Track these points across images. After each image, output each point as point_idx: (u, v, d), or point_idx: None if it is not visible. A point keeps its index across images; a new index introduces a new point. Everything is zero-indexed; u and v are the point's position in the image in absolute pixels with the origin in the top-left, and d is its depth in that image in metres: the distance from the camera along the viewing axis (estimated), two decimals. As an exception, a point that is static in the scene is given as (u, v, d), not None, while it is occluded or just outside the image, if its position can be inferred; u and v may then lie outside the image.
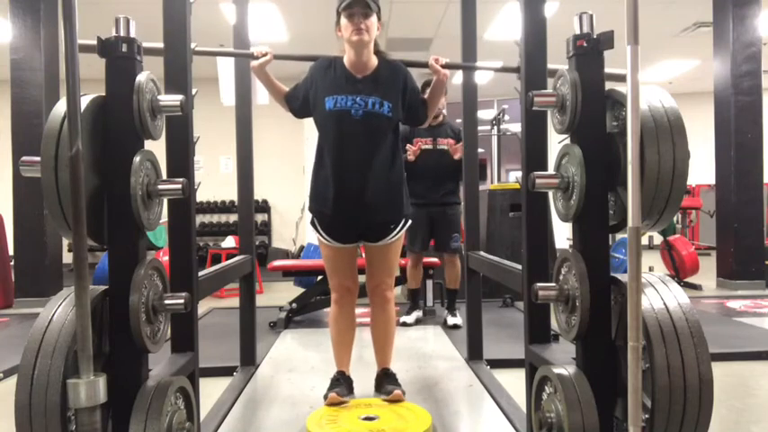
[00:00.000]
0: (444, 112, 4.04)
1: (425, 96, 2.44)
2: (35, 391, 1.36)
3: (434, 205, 4.00)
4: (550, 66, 2.00)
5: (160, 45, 1.93)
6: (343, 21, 2.21)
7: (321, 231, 2.38)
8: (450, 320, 4.07)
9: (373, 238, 2.37)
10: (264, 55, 2.29)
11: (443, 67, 2.32)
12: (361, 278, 2.54)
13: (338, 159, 2.27)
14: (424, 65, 2.36)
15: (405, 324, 4.06)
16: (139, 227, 1.58)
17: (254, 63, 2.32)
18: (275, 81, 2.41)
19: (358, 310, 2.57)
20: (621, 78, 1.50)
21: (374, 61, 2.31)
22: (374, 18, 2.22)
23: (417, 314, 4.24)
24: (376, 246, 2.39)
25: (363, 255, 2.51)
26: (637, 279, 1.22)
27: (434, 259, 4.40)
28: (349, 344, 2.53)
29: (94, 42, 1.56)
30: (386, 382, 2.45)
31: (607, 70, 1.65)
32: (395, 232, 2.37)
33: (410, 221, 2.43)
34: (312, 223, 2.42)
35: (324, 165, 2.32)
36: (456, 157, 3.87)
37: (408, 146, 3.98)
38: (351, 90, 2.25)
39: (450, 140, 3.99)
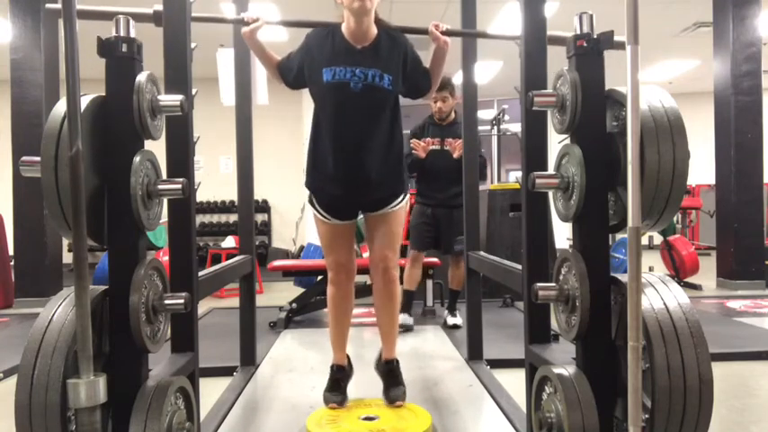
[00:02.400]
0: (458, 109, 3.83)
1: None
2: (35, 391, 1.36)
3: (440, 206, 3.95)
4: (553, 33, 1.98)
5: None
6: None
7: (318, 207, 2.32)
8: (450, 320, 4.05)
9: (373, 208, 2.31)
10: (255, 20, 2.21)
11: (444, 33, 2.26)
12: (361, 279, 2.53)
13: (336, 133, 2.19)
14: (424, 31, 2.29)
15: None
16: (139, 227, 1.58)
17: (245, 29, 2.23)
18: (267, 50, 2.31)
19: (358, 310, 2.57)
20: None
21: (374, 30, 2.23)
22: None
23: (405, 318, 3.80)
24: (377, 215, 2.31)
25: (364, 255, 2.48)
26: (637, 279, 1.22)
27: (435, 259, 4.39)
28: (346, 326, 2.47)
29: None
30: (390, 383, 2.38)
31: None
32: (396, 201, 2.30)
33: (408, 196, 2.37)
34: (309, 200, 2.35)
35: (321, 138, 2.23)
36: (455, 155, 3.78)
37: (414, 141, 3.89)
38: (350, 61, 2.17)
39: (461, 142, 3.83)
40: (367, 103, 2.18)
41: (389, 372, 2.43)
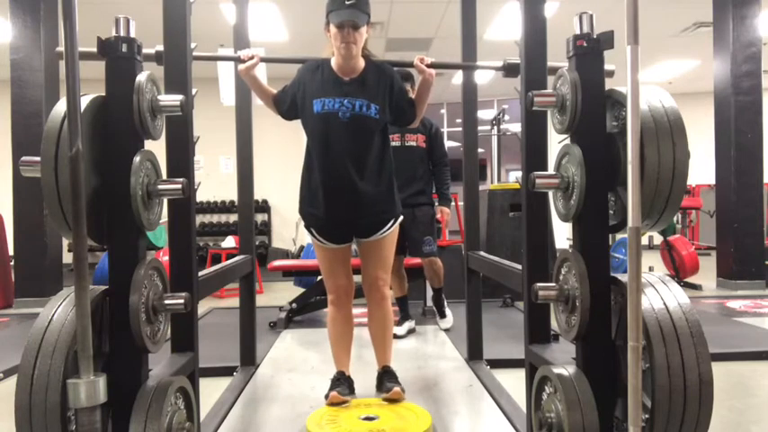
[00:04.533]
0: None
1: (413, 96, 2.44)
2: (35, 391, 1.36)
3: (402, 206, 3.86)
4: (551, 63, 2.00)
5: (158, 48, 1.93)
6: (333, 29, 2.21)
7: (314, 233, 2.40)
8: (442, 324, 3.97)
9: (365, 234, 2.39)
10: (251, 58, 2.28)
11: (429, 66, 2.32)
12: (357, 278, 2.54)
13: (327, 162, 2.28)
14: (409, 65, 2.37)
15: (395, 336, 3.78)
16: (139, 227, 1.58)
17: (240, 67, 2.31)
18: (263, 84, 2.41)
19: (355, 311, 2.57)
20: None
21: (361, 64, 2.32)
22: (364, 28, 2.22)
23: (410, 324, 3.85)
24: (369, 241, 2.40)
25: (358, 255, 2.51)
26: (637, 279, 1.22)
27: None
28: (348, 345, 2.53)
29: (94, 50, 1.57)
30: (386, 379, 2.46)
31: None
32: (387, 226, 2.39)
33: (401, 218, 2.45)
34: (305, 226, 2.44)
35: (312, 167, 2.33)
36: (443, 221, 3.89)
37: None
38: (338, 92, 2.26)
39: (420, 136, 3.74)
40: (355, 132, 2.27)
41: (385, 373, 2.50)
